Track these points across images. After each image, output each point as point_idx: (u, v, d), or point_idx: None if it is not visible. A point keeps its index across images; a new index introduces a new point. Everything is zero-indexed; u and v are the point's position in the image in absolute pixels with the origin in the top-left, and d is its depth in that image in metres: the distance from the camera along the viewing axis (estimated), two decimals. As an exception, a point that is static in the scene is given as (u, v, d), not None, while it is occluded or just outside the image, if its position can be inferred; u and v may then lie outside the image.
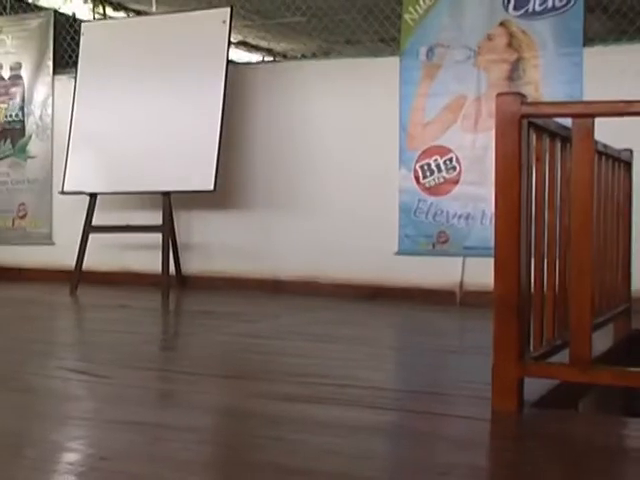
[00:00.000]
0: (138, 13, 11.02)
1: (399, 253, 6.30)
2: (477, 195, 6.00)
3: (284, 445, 2.47)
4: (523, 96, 2.87)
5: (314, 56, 7.81)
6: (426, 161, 6.21)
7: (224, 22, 6.46)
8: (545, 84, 5.87)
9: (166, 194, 6.42)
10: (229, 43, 6.50)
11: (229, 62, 6.51)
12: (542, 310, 3.06)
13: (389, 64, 6.33)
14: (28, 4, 9.21)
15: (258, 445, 2.50)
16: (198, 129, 6.41)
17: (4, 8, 7.93)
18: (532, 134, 2.91)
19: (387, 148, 6.31)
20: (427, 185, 6.21)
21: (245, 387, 3.36)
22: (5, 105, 7.73)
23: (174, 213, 6.68)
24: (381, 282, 6.31)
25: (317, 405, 2.97)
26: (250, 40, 13.21)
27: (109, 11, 11.44)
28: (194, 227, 7.02)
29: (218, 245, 6.93)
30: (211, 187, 6.25)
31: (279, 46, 13.63)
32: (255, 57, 13.67)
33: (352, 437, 2.56)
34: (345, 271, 6.44)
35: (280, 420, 2.75)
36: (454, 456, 2.40)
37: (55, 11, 8.26)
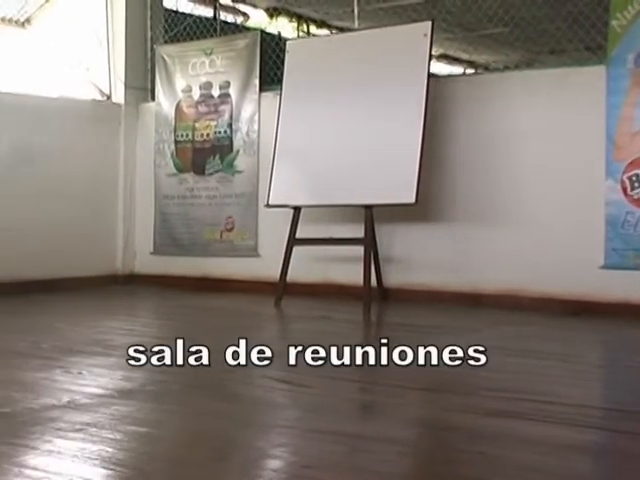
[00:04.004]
0: (341, 30, 11.26)
1: (605, 267, 6.09)
2: (690, 207, 5.74)
3: (485, 460, 2.45)
4: None
5: (517, 67, 7.71)
6: (635, 172, 5.99)
7: (425, 35, 6.48)
8: None
9: (368, 207, 6.49)
10: (430, 56, 6.51)
11: (430, 75, 6.53)
12: None
13: (595, 73, 6.15)
14: (237, 26, 9.61)
15: (458, 459, 2.49)
16: (400, 142, 6.45)
17: (215, 30, 8.28)
18: None
19: (592, 159, 6.13)
20: (636, 197, 5.99)
21: (445, 400, 3.35)
22: (215, 122, 8.04)
23: (375, 226, 6.73)
24: (586, 297, 6.12)
25: (518, 421, 2.92)
26: (451, 53, 13.20)
27: (312, 29, 11.75)
28: (395, 240, 7.05)
29: (419, 258, 6.94)
30: (412, 200, 6.27)
31: (481, 58, 13.54)
32: (456, 69, 13.64)
33: (555, 455, 2.50)
34: (548, 285, 6.29)
35: (481, 435, 2.73)
36: (663, 479, 2.31)
37: (262, 31, 8.57)
